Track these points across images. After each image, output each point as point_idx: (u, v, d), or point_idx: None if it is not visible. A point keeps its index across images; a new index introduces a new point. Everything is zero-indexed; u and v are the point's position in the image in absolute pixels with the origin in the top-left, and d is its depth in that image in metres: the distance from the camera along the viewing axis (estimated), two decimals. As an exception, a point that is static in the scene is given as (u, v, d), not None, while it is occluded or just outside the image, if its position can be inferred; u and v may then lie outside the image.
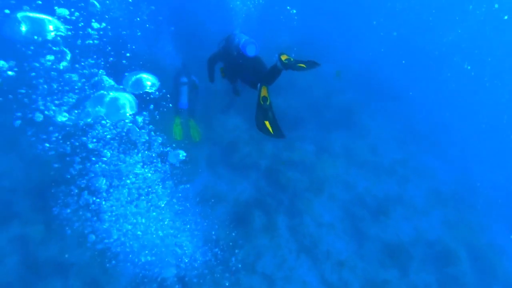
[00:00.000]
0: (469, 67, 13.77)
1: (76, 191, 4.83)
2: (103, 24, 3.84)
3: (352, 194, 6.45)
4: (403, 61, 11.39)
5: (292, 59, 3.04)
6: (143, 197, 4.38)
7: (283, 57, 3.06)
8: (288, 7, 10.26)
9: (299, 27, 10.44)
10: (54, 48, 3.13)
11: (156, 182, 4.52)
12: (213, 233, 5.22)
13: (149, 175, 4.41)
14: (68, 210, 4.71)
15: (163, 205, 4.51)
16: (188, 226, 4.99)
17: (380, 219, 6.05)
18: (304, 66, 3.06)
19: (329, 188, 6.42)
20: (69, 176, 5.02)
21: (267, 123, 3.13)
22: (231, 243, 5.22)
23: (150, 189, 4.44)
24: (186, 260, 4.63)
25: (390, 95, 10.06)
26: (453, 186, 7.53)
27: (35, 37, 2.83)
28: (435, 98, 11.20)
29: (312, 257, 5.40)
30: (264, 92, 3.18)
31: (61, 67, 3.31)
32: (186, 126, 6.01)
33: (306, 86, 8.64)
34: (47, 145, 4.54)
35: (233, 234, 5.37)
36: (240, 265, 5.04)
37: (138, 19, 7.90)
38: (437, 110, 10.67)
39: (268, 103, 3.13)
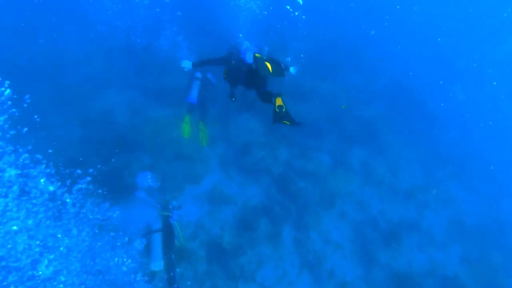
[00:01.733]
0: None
1: None
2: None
3: (364, 214, 6.13)
4: (441, 82, 10.68)
5: (283, 109, 3.36)
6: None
7: (278, 102, 3.38)
8: (295, 12, 9.90)
9: (325, 32, 10.11)
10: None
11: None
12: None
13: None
14: None
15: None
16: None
17: (392, 245, 5.70)
18: (288, 123, 3.42)
19: (341, 205, 6.15)
20: None
21: (267, 64, 3.33)
22: (234, 247, 5.15)
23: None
24: None
25: (418, 113, 9.47)
26: (478, 220, 6.95)
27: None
28: (469, 121, 10.42)
29: (314, 275, 5.20)
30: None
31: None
32: (196, 125, 5.85)
33: (329, 94, 8.34)
34: None
35: (238, 238, 5.30)
36: (239, 272, 4.96)
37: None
38: (469, 135, 9.92)
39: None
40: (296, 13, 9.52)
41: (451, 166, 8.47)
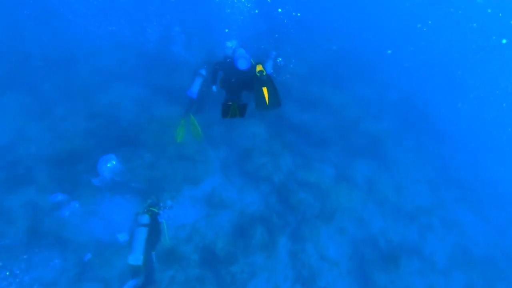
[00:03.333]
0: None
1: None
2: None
3: (364, 232, 5.93)
4: (459, 104, 10.34)
5: (264, 73, 3.29)
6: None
7: (259, 67, 3.32)
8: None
9: (339, 41, 9.97)
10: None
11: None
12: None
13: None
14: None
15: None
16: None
17: (391, 267, 5.47)
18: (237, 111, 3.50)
19: (341, 220, 5.97)
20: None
21: (265, 90, 3.22)
22: (227, 254, 5.03)
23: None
24: None
25: (428, 131, 9.22)
26: (485, 248, 6.63)
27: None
28: (482, 143, 10.07)
29: (307, 291, 5.03)
30: (259, 67, 3.27)
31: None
32: (190, 128, 5.69)
33: (339, 105, 8.18)
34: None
35: (232, 245, 5.18)
36: (231, 280, 4.84)
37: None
38: (481, 158, 9.58)
39: (265, 73, 3.28)
40: (299, 14, 9.43)
41: (460, 188, 8.15)
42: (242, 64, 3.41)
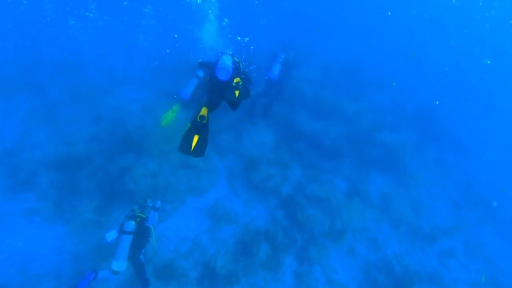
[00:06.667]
0: None
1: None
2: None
3: (378, 255, 5.47)
4: (485, 123, 9.59)
5: (205, 121, 3.31)
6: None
7: (203, 111, 3.32)
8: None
9: (355, 46, 9.48)
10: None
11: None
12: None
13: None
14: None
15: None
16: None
17: (407, 297, 5.00)
18: (193, 145, 3.28)
19: (352, 240, 5.55)
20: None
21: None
22: (228, 273, 4.75)
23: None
24: None
25: (450, 143, 8.56)
26: (512, 278, 6.00)
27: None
28: (510, 157, 9.26)
29: (312, 318, 4.66)
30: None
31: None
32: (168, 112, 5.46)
33: (353, 113, 7.70)
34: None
35: (233, 263, 4.89)
36: (230, 301, 4.55)
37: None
38: (508, 173, 8.80)
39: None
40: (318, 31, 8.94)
41: (485, 208, 7.48)
42: (222, 75, 3.36)
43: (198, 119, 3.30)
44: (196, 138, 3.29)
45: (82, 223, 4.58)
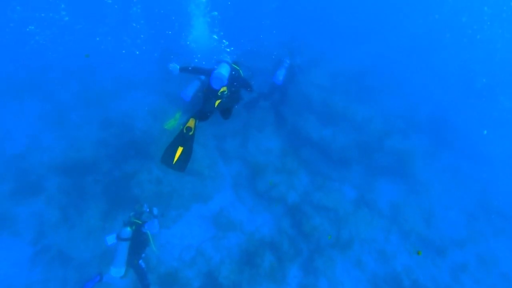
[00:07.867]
0: None
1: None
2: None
3: (386, 268, 5.30)
4: (501, 129, 9.18)
5: (191, 133, 3.22)
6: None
7: (190, 123, 3.22)
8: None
9: (366, 50, 9.23)
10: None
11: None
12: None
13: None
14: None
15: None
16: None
17: (417, 313, 4.82)
18: (177, 156, 3.19)
19: (359, 252, 5.39)
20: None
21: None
22: (231, 284, 4.68)
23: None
24: None
25: (464, 150, 8.23)
26: (530, 296, 5.70)
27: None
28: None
29: (317, 332, 4.55)
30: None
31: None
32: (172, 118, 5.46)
33: (362, 119, 7.49)
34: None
35: (237, 273, 4.82)
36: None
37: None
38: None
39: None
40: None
41: (500, 219, 7.15)
42: (215, 84, 3.31)
43: (185, 130, 3.20)
44: (180, 150, 3.19)
45: (88, 229, 4.61)
